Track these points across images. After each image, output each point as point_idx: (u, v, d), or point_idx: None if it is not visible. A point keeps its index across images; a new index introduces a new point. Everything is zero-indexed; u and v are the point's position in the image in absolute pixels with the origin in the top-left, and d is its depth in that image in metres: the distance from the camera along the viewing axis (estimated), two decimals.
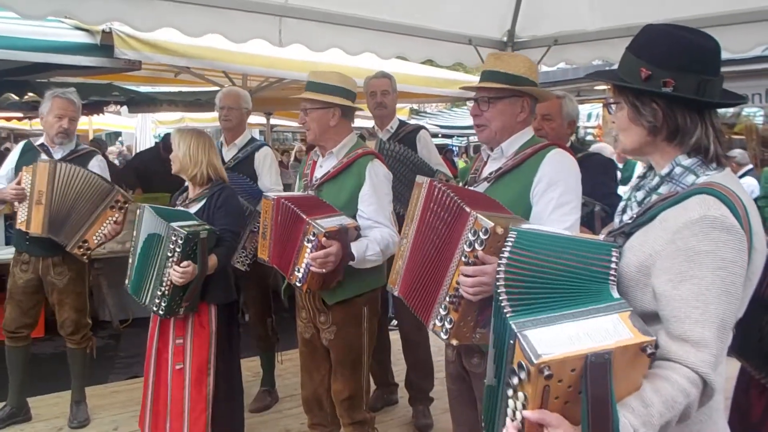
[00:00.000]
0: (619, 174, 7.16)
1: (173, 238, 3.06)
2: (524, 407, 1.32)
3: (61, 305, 4.09)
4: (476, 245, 1.98)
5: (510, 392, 1.37)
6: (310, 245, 2.75)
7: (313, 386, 3.26)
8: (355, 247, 2.86)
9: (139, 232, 3.30)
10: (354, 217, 3.00)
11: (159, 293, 3.14)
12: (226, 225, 3.34)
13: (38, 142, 4.10)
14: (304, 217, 2.77)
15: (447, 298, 2.10)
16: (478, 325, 2.11)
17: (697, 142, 1.57)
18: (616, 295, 1.44)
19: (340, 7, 4.26)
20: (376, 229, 2.99)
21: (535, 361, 1.27)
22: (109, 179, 4.06)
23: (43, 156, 3.97)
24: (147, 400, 3.38)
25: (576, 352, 1.29)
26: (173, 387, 3.32)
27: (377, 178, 3.04)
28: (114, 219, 3.86)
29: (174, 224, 3.08)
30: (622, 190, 6.08)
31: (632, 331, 1.33)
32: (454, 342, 2.11)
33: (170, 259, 3.08)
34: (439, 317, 2.14)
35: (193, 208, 3.39)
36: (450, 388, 2.67)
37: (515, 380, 1.34)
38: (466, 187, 2.56)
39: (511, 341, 1.36)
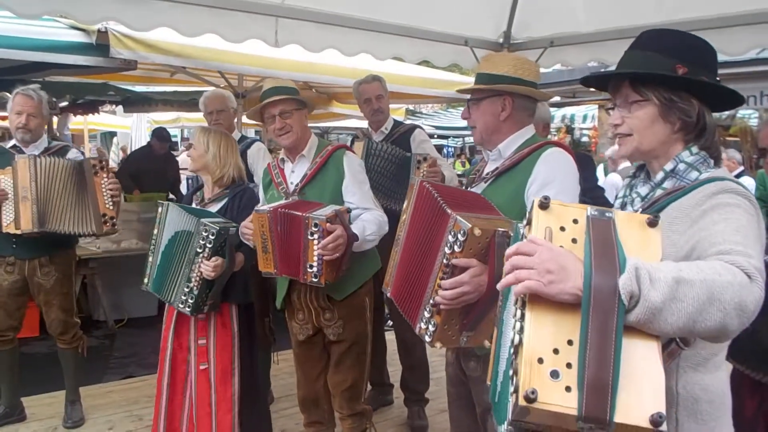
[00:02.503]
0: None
1: (204, 234, 3.08)
2: None
3: (49, 306, 4.07)
4: (455, 248, 1.95)
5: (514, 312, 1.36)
6: (315, 237, 2.76)
7: (309, 385, 3.28)
8: (355, 228, 2.92)
9: (162, 230, 3.29)
10: None
11: (186, 290, 3.14)
12: None
13: (9, 145, 4.06)
14: (300, 214, 2.80)
15: (430, 301, 2.07)
16: (464, 328, 2.08)
17: (715, 140, 1.64)
18: None
19: (337, 8, 4.26)
20: (367, 213, 3.05)
21: (534, 201, 1.31)
22: None
23: (18, 155, 3.92)
24: (162, 402, 3.36)
25: (578, 205, 1.32)
26: (199, 387, 3.32)
27: (354, 168, 3.14)
28: (105, 179, 3.83)
29: (204, 220, 3.12)
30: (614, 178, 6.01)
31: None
32: (438, 345, 2.10)
33: (200, 255, 3.09)
34: (424, 320, 2.11)
35: (212, 208, 3.38)
36: (449, 390, 2.66)
37: (523, 231, 1.36)
38: (464, 187, 2.55)
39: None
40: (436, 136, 21.11)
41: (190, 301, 3.15)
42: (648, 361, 1.22)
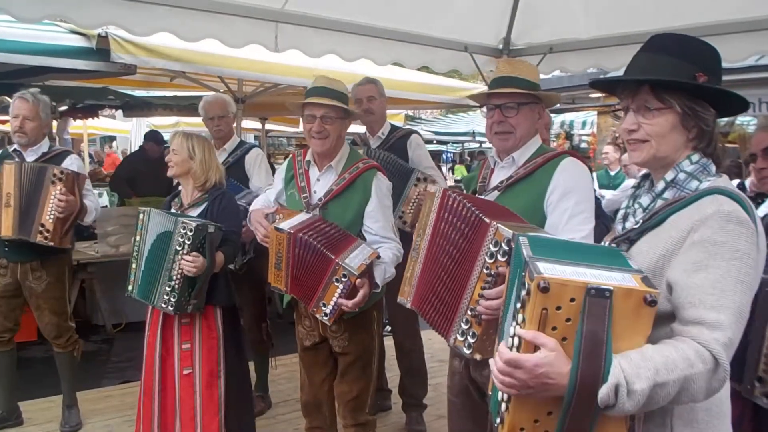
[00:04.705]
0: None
1: (182, 231, 3.09)
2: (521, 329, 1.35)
3: (40, 310, 4.06)
4: (498, 256, 1.92)
5: (514, 322, 1.39)
6: (340, 285, 2.70)
7: (313, 390, 3.25)
8: (377, 275, 2.86)
9: (146, 236, 3.28)
10: (360, 232, 2.99)
11: (168, 288, 3.14)
12: (232, 226, 3.37)
13: (12, 148, 4.08)
14: (332, 257, 2.71)
15: (468, 312, 2.04)
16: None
17: (718, 146, 1.64)
18: (633, 265, 1.46)
19: (337, 14, 4.26)
20: (386, 247, 2.97)
21: (535, 275, 1.30)
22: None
23: (16, 160, 3.95)
24: (153, 408, 3.33)
25: (577, 279, 1.32)
26: (182, 393, 3.31)
27: (382, 193, 3.04)
28: (58, 191, 3.75)
29: (182, 218, 3.13)
30: (609, 195, 5.98)
31: (639, 284, 1.34)
32: (478, 356, 2.05)
33: (179, 252, 3.10)
34: (460, 332, 2.08)
35: (192, 214, 3.37)
36: (452, 400, 2.60)
37: (518, 305, 1.37)
38: (476, 196, 2.50)
39: (523, 273, 1.38)
40: (435, 141, 21.14)
41: (172, 300, 3.14)
42: None
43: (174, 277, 3.13)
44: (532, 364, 1.32)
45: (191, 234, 3.07)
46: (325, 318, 2.79)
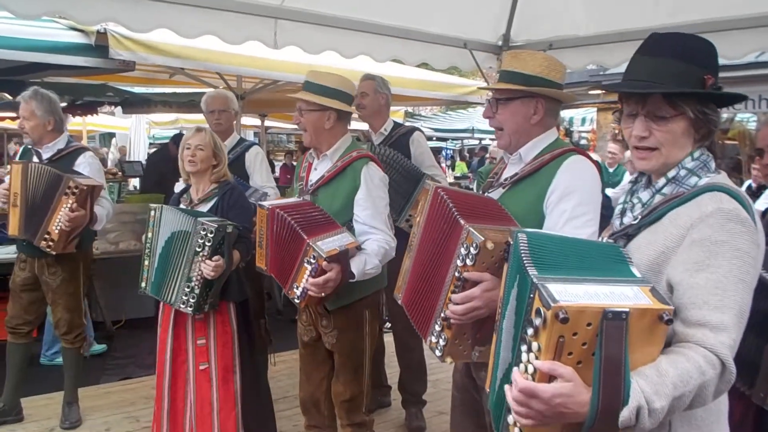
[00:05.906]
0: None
1: (202, 233, 3.08)
2: (537, 359, 1.32)
3: (55, 305, 4.10)
4: (467, 261, 1.89)
5: (524, 347, 1.36)
6: (309, 267, 2.70)
7: (311, 388, 3.25)
8: (355, 265, 2.81)
9: (158, 232, 3.27)
10: (350, 221, 2.98)
11: (187, 289, 3.14)
12: (243, 222, 3.35)
13: (30, 145, 4.11)
14: (305, 237, 2.70)
15: (442, 314, 2.01)
16: (476, 343, 2.02)
17: (716, 140, 1.64)
18: (637, 273, 1.44)
19: (336, 10, 4.27)
20: (373, 239, 2.94)
21: (552, 305, 1.27)
22: (102, 177, 4.08)
23: (35, 158, 3.99)
24: (163, 405, 3.34)
25: (594, 304, 1.30)
26: (198, 388, 3.32)
27: (372, 182, 3.00)
28: (69, 206, 3.74)
29: (202, 219, 3.12)
30: (610, 192, 5.96)
31: (652, 300, 1.33)
32: (449, 360, 2.04)
33: (200, 254, 3.10)
34: (434, 334, 2.05)
35: (202, 209, 3.36)
36: (454, 394, 2.61)
37: (530, 331, 1.34)
38: (482, 192, 2.46)
39: (531, 295, 1.36)
40: (435, 138, 21.18)
41: (191, 300, 3.15)
42: None
43: (194, 279, 3.13)
44: (549, 395, 1.31)
45: (212, 236, 3.07)
46: (296, 300, 2.81)
